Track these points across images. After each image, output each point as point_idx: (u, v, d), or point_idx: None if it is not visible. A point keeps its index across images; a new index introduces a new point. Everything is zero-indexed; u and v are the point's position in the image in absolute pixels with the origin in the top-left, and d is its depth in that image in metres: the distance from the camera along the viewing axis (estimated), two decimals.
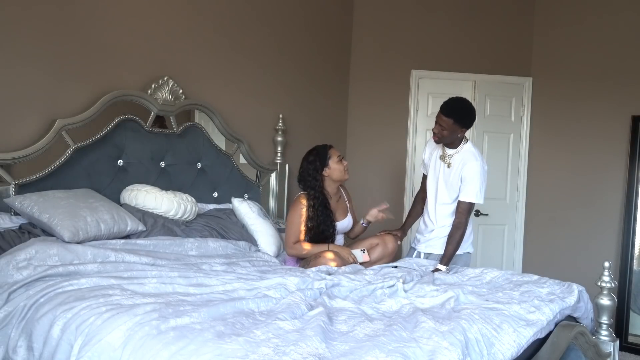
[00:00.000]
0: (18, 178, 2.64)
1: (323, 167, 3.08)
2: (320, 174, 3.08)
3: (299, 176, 3.15)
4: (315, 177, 3.06)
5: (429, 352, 1.63)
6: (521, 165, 4.82)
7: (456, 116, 2.94)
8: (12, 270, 2.21)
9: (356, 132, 4.73)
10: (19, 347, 1.94)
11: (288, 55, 4.13)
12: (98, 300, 1.94)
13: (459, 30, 4.69)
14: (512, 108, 4.80)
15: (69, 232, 2.46)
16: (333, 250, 2.98)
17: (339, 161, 3.11)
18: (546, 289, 2.42)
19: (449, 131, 2.96)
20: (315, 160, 3.08)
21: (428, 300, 2.20)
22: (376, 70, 4.68)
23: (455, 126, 2.95)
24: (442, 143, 3.08)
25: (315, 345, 1.61)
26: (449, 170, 3.06)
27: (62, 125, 2.76)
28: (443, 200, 3.09)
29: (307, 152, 3.16)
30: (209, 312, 1.85)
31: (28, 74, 2.74)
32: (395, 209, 4.69)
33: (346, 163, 3.15)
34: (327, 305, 2.08)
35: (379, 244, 3.15)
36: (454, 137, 3.02)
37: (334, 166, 3.10)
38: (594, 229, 4.45)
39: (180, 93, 3.32)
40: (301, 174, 3.13)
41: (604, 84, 4.42)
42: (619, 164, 4.34)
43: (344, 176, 3.14)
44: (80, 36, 2.93)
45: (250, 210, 3.33)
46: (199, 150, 3.46)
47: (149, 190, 3.00)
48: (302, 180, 3.11)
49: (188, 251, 2.79)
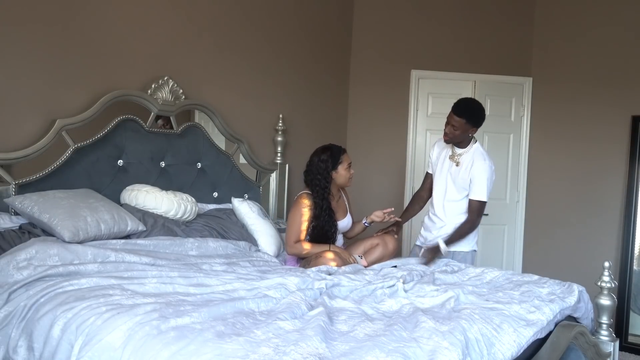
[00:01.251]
0: (18, 178, 2.64)
1: (333, 169, 3.08)
2: (330, 174, 3.08)
3: (306, 169, 3.13)
4: (326, 177, 3.06)
5: (429, 352, 1.63)
6: (521, 165, 4.82)
7: (468, 116, 3.01)
8: (12, 270, 2.21)
9: (356, 131, 4.73)
10: (19, 347, 1.94)
11: (288, 55, 4.13)
12: (98, 300, 1.94)
13: (459, 30, 4.69)
14: (512, 108, 4.80)
15: (69, 232, 2.46)
16: (333, 250, 2.98)
17: (347, 168, 3.12)
18: (546, 289, 2.42)
19: (460, 131, 3.03)
20: (328, 160, 3.07)
21: (428, 300, 2.20)
22: (376, 70, 4.68)
23: (467, 126, 3.02)
24: (452, 143, 3.12)
25: (316, 345, 1.61)
26: (457, 169, 3.11)
27: (62, 125, 2.76)
28: (452, 198, 3.14)
29: (321, 148, 3.13)
30: (209, 312, 1.85)
31: (28, 74, 2.74)
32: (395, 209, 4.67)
33: (352, 172, 3.17)
34: (327, 305, 2.08)
35: (380, 244, 3.15)
36: (465, 137, 3.08)
37: (342, 172, 3.10)
38: (594, 229, 4.45)
39: (180, 93, 3.32)
40: (309, 168, 3.11)
41: (604, 84, 4.42)
42: (619, 164, 4.34)
43: (347, 184, 3.16)
44: (81, 36, 2.93)
45: (250, 211, 3.33)
46: (199, 150, 3.46)
47: (149, 190, 3.00)
48: (309, 174, 3.10)
49: (188, 251, 2.79)
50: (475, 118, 3.04)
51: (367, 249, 3.16)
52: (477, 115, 3.05)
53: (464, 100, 3.10)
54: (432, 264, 2.97)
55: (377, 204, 4.71)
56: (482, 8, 4.72)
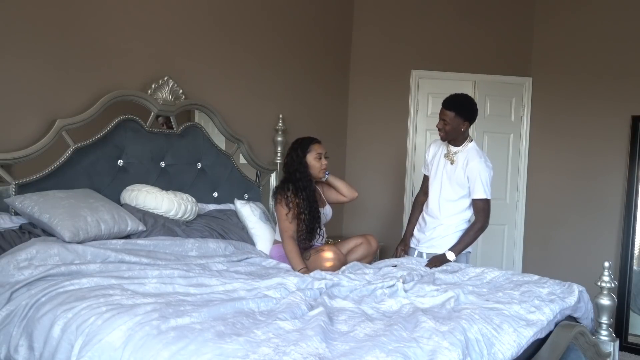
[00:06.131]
0: (18, 178, 2.64)
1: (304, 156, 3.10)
2: (304, 160, 3.10)
3: (283, 161, 3.20)
4: (301, 162, 3.09)
5: (429, 352, 1.63)
6: (521, 165, 4.82)
7: (457, 109, 3.01)
8: (13, 270, 2.21)
9: (356, 132, 4.73)
10: (20, 347, 1.94)
11: (288, 55, 4.14)
12: (98, 300, 1.94)
13: (459, 30, 4.69)
14: (512, 108, 4.80)
15: (69, 232, 2.46)
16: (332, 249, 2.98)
17: (316, 158, 3.12)
18: (546, 289, 2.42)
19: (451, 125, 3.02)
20: (297, 149, 3.13)
21: (428, 300, 2.20)
22: (376, 70, 4.68)
23: (458, 119, 3.01)
24: (447, 140, 3.12)
25: (316, 345, 1.61)
26: (452, 167, 3.09)
27: (62, 125, 2.76)
28: (448, 197, 3.12)
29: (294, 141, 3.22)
30: (209, 312, 1.85)
31: (28, 74, 2.74)
32: (395, 208, 4.71)
33: (325, 162, 3.16)
34: (327, 305, 2.08)
35: (363, 243, 3.17)
36: (458, 132, 3.06)
37: (310, 161, 3.12)
38: (594, 229, 4.45)
39: (180, 93, 3.32)
40: (285, 159, 3.18)
41: (604, 83, 4.42)
42: (619, 164, 4.34)
43: (318, 174, 3.16)
44: (81, 36, 2.93)
45: (252, 214, 3.34)
46: (199, 150, 3.46)
47: (149, 190, 3.00)
48: (285, 165, 3.16)
49: (188, 251, 2.79)
50: (465, 111, 3.02)
51: (351, 247, 3.17)
52: (466, 108, 3.04)
53: (453, 94, 3.10)
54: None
55: (377, 203, 4.74)
56: (482, 8, 4.72)
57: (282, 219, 3.02)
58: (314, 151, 3.12)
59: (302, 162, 3.09)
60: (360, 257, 3.12)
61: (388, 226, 4.66)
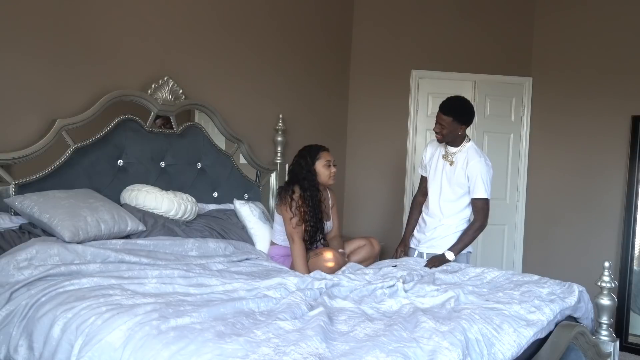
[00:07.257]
0: (18, 178, 2.64)
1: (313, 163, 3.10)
2: (313, 168, 3.10)
3: (289, 168, 3.19)
4: (309, 170, 3.09)
5: (429, 352, 1.63)
6: (521, 165, 4.82)
7: (454, 114, 3.00)
8: (12, 270, 2.21)
9: (356, 132, 4.73)
10: (20, 347, 1.94)
11: (288, 56, 4.13)
12: (98, 300, 1.94)
13: (459, 30, 4.69)
14: (512, 108, 4.80)
15: (69, 232, 2.46)
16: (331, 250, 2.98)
17: (325, 165, 3.13)
18: (547, 289, 2.42)
19: (448, 129, 3.02)
20: (306, 156, 3.13)
21: (428, 300, 2.20)
22: (376, 70, 4.68)
23: (455, 124, 3.01)
24: (444, 142, 3.11)
25: (316, 345, 1.61)
26: (452, 168, 3.09)
27: (62, 125, 2.76)
28: (447, 197, 3.12)
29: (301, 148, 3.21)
30: (209, 312, 1.85)
31: (28, 74, 2.74)
32: (395, 208, 4.70)
33: (334, 170, 3.17)
34: (327, 305, 2.08)
35: (366, 245, 3.17)
36: (455, 135, 3.06)
37: (319, 169, 3.12)
38: (594, 229, 4.45)
39: (180, 93, 3.32)
40: (292, 166, 3.17)
41: (604, 83, 4.42)
42: (619, 164, 4.34)
43: (327, 181, 3.16)
44: (81, 36, 2.93)
45: (252, 214, 3.34)
46: (199, 150, 3.46)
47: (149, 190, 2.99)
48: (292, 172, 3.15)
49: (188, 251, 2.79)
50: (462, 116, 3.02)
51: (354, 249, 3.17)
52: (464, 113, 3.03)
53: (450, 98, 3.08)
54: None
55: (377, 203, 4.74)
56: (482, 8, 4.72)
57: (287, 223, 3.02)
58: (323, 158, 3.12)
59: (310, 169, 3.10)
60: (363, 258, 3.12)
61: (388, 226, 4.65)
